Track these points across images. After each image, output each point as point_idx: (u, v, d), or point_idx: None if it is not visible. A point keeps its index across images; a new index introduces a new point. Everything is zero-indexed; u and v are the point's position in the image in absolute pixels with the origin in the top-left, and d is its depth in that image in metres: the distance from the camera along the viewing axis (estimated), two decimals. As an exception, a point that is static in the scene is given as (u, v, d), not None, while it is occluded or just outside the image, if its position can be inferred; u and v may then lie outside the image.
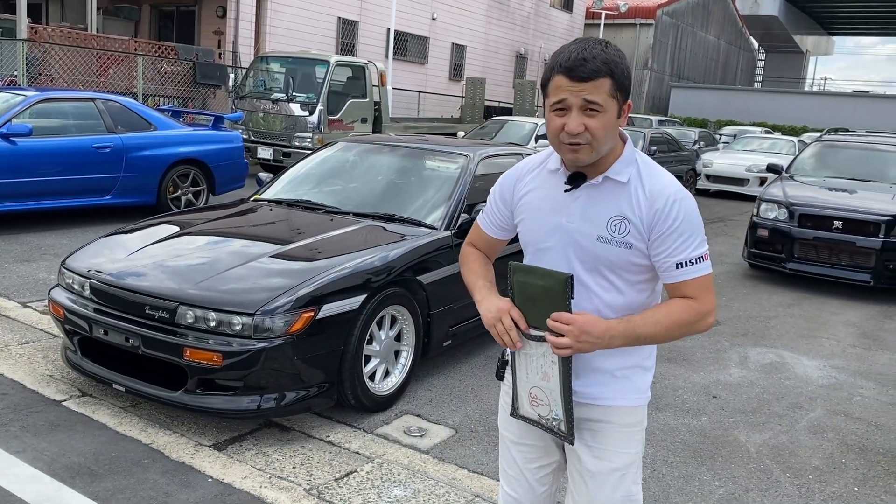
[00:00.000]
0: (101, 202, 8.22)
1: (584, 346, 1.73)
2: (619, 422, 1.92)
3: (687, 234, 1.78)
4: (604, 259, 1.83)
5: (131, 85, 14.20)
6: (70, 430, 3.53)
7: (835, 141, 9.98)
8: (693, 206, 1.81)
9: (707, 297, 1.82)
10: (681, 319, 1.81)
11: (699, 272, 1.80)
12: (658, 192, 1.79)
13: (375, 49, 20.33)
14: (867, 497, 3.49)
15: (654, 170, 1.86)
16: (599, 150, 1.78)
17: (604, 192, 1.84)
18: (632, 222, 1.80)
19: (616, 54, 1.75)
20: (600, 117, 1.73)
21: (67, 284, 4.01)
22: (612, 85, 1.73)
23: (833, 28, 59.49)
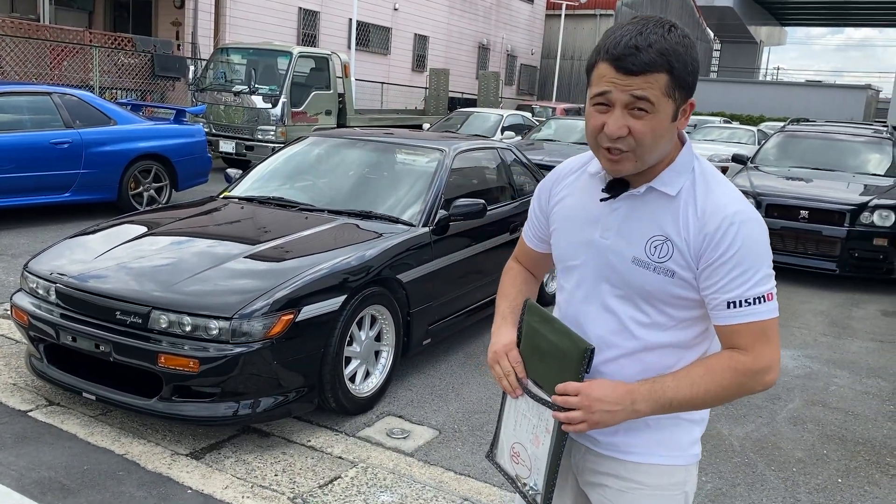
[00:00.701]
0: (60, 199, 7.94)
1: (601, 419, 1.43)
2: (649, 483, 1.58)
3: (744, 267, 1.42)
4: (638, 286, 1.51)
5: (87, 78, 13.81)
6: (38, 443, 3.38)
7: (797, 131, 10.12)
8: (757, 231, 1.44)
9: (764, 349, 1.44)
10: (725, 381, 1.45)
11: (756, 315, 1.44)
12: (712, 211, 1.44)
13: (337, 40, 20.08)
14: (851, 488, 3.51)
15: (715, 183, 1.50)
16: (645, 160, 1.45)
17: (647, 206, 1.51)
18: (675, 245, 1.47)
19: (679, 42, 1.40)
20: (649, 119, 1.40)
21: (31, 289, 3.83)
22: (670, 81, 1.39)
23: (785, 18, 60.59)
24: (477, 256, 4.91)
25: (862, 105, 30.90)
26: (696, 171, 1.51)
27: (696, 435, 1.61)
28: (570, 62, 33.25)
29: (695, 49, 1.43)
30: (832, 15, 57.26)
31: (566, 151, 12.70)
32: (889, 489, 3.53)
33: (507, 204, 5.42)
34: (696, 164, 1.52)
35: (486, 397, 4.26)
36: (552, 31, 31.69)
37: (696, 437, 1.61)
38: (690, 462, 1.60)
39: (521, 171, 5.94)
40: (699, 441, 1.62)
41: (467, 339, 5.15)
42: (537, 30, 32.12)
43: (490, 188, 5.51)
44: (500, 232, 5.21)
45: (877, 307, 6.95)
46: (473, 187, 5.32)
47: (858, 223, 7.45)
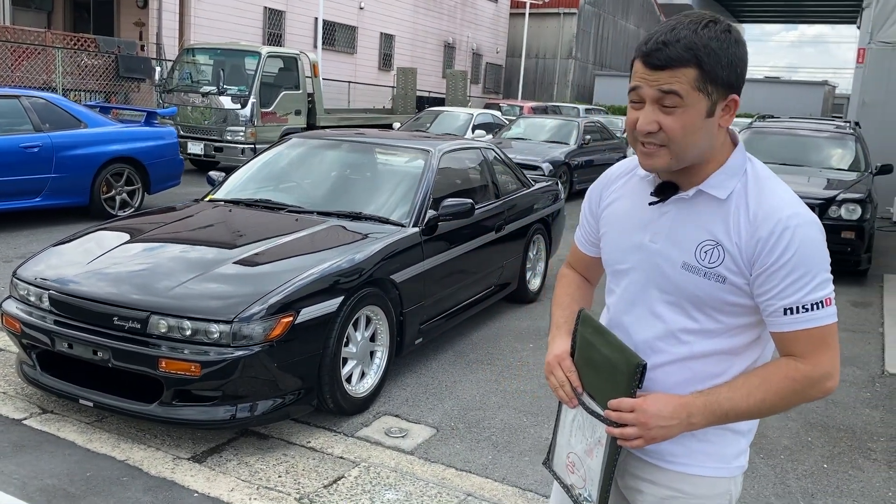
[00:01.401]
0: (31, 204, 7.81)
1: (658, 434, 1.42)
2: (692, 493, 1.56)
3: (801, 272, 1.40)
4: (688, 292, 1.49)
5: (49, 80, 13.56)
6: (37, 451, 3.35)
7: (764, 128, 10.35)
8: (814, 235, 1.41)
9: (823, 355, 1.43)
10: (783, 391, 1.43)
11: (814, 321, 1.41)
12: (765, 215, 1.42)
13: (303, 39, 19.97)
14: (836, 473, 3.64)
15: (768, 186, 1.47)
16: (681, 157, 1.44)
17: (696, 209, 1.49)
18: (727, 250, 1.44)
19: (714, 37, 1.39)
20: (679, 114, 1.40)
21: (22, 296, 3.79)
22: (699, 75, 1.38)
23: (742, 16, 61.69)
24: (464, 256, 4.96)
25: (820, 101, 31.62)
26: (749, 173, 1.49)
27: (742, 446, 1.58)
28: (535, 60, 33.50)
29: (737, 45, 1.41)
30: (786, 12, 58.50)
31: (537, 150, 12.83)
32: (872, 472, 3.67)
33: (491, 203, 5.48)
34: (749, 167, 1.50)
35: (480, 395, 4.32)
36: (516, 29, 31.89)
37: (744, 448, 1.58)
38: (735, 474, 1.58)
39: (502, 171, 6.01)
40: (747, 451, 1.59)
41: (456, 338, 5.20)
42: (502, 28, 32.29)
43: (475, 188, 5.57)
44: (486, 231, 5.27)
45: (846, 298, 7.17)
46: (459, 187, 5.37)
47: (827, 217, 7.66)
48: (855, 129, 10.09)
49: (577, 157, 13.26)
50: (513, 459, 3.58)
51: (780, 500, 3.37)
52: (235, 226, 4.41)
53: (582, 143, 13.64)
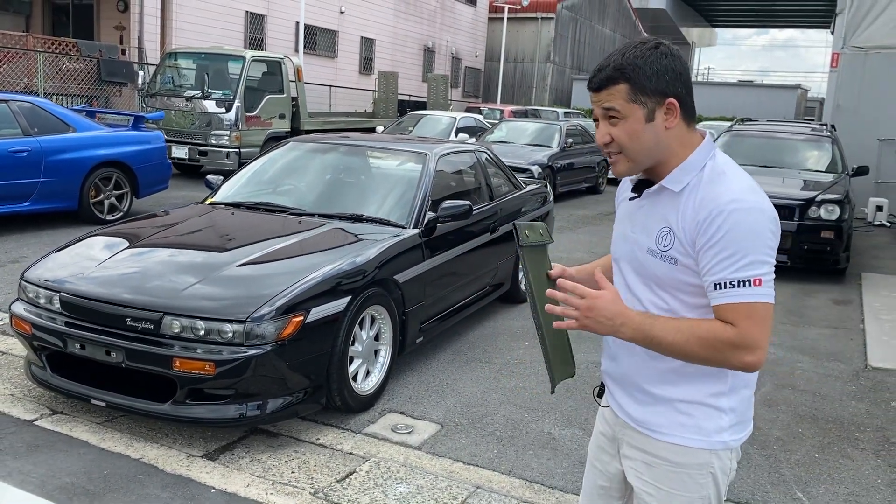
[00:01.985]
0: (20, 209, 7.79)
1: (589, 324, 1.61)
2: (671, 459, 1.73)
3: (731, 250, 1.53)
4: (652, 274, 1.69)
5: (31, 84, 13.47)
6: (52, 450, 3.40)
7: (743, 131, 10.58)
8: (750, 219, 1.54)
9: (751, 328, 1.54)
10: (706, 340, 1.56)
11: (740, 297, 1.54)
12: (708, 201, 1.59)
13: (284, 43, 19.98)
14: (828, 462, 3.79)
15: (721, 178, 1.63)
16: (636, 159, 1.67)
17: (660, 202, 1.70)
18: (676, 234, 1.63)
19: (638, 56, 1.62)
20: (622, 125, 1.63)
21: (31, 298, 3.83)
22: (630, 89, 1.61)
23: (715, 20, 62.54)
24: (461, 257, 5.06)
25: (793, 104, 32.18)
26: (707, 168, 1.66)
27: (723, 423, 1.68)
28: (514, 64, 33.73)
29: (664, 57, 1.63)
30: (758, 16, 59.40)
31: (520, 153, 12.97)
32: (861, 461, 3.82)
33: (486, 205, 5.59)
34: (710, 163, 1.66)
35: (480, 392, 4.42)
36: (495, 33, 32.10)
37: (723, 426, 1.69)
38: (716, 447, 1.70)
39: (495, 173, 6.12)
40: (730, 431, 1.70)
41: (453, 337, 5.30)
42: (480, 33, 32.48)
43: (470, 190, 5.68)
44: (482, 232, 5.37)
45: (827, 296, 7.38)
46: (455, 189, 5.47)
47: (807, 217, 7.88)
48: (832, 132, 10.35)
49: (559, 160, 13.43)
50: (517, 453, 3.68)
51: (775, 487, 3.50)
52: (240, 228, 4.48)
53: (564, 146, 13.81)
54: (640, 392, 1.76)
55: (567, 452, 3.72)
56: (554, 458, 3.66)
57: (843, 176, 9.00)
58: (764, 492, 3.45)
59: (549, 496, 3.30)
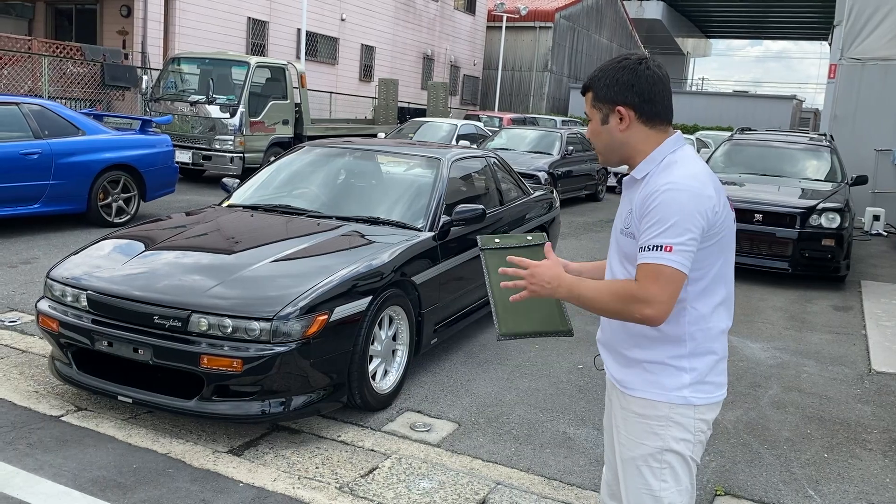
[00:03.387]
0: (30, 211, 7.85)
1: (535, 289, 1.93)
2: (638, 412, 1.99)
3: (655, 220, 1.81)
4: (622, 251, 1.99)
5: (35, 87, 13.52)
6: (80, 445, 3.46)
7: (743, 140, 10.71)
8: (677, 198, 1.81)
9: (651, 285, 1.79)
10: (616, 290, 1.85)
11: (651, 259, 1.80)
12: (653, 184, 1.87)
13: (285, 49, 20.09)
14: (837, 462, 3.89)
15: (671, 167, 1.91)
16: (601, 154, 2.05)
17: (630, 190, 2.00)
18: (633, 213, 1.92)
19: (604, 68, 1.98)
20: (589, 125, 2.04)
21: (56, 296, 3.89)
22: (593, 97, 1.99)
23: (709, 31, 63.02)
24: (472, 261, 5.14)
25: (789, 114, 32.45)
26: (665, 161, 1.93)
27: (682, 381, 1.93)
28: (511, 73, 33.91)
29: (622, 71, 1.93)
30: (752, 27, 59.88)
31: (521, 160, 13.07)
32: (870, 461, 3.91)
33: (496, 209, 5.68)
34: (669, 156, 1.94)
35: (495, 392, 4.50)
36: (493, 42, 32.29)
37: (684, 383, 1.93)
38: (674, 401, 1.94)
39: (504, 178, 6.22)
40: (690, 388, 1.93)
41: (464, 340, 5.38)
42: (479, 41, 32.66)
43: (481, 194, 5.77)
44: (493, 236, 5.45)
45: (828, 303, 7.48)
46: (467, 194, 5.56)
47: (808, 225, 7.99)
48: (830, 142, 10.49)
49: (560, 167, 13.54)
50: (535, 451, 3.76)
51: (787, 486, 3.59)
52: (261, 229, 4.56)
53: (565, 153, 13.92)
54: (619, 355, 2.05)
55: (583, 451, 3.80)
56: (571, 456, 3.74)
57: (843, 185, 9.12)
58: (777, 490, 3.54)
59: (568, 492, 3.38)
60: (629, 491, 2.04)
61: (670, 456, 1.97)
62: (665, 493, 1.99)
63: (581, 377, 4.84)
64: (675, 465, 1.98)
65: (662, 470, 1.98)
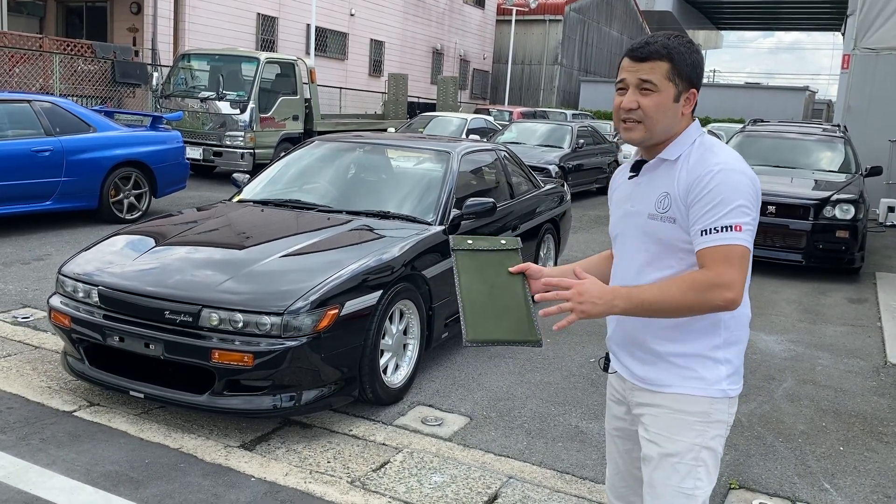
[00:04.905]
0: (41, 208, 7.88)
1: (587, 308, 1.72)
2: (674, 407, 1.88)
3: (717, 201, 1.72)
4: (654, 237, 1.85)
5: (47, 85, 13.58)
6: (93, 440, 3.47)
7: (755, 132, 10.63)
8: (735, 178, 1.75)
9: (726, 269, 1.69)
10: (688, 283, 1.72)
11: (721, 241, 1.70)
12: (700, 165, 1.79)
13: (295, 45, 20.10)
14: (853, 455, 3.85)
15: (711, 149, 1.83)
16: (652, 130, 1.84)
17: (658, 173, 1.89)
18: (672, 197, 1.81)
19: (682, 45, 1.82)
20: (654, 97, 1.82)
21: (68, 292, 3.90)
22: (671, 69, 1.81)
23: (721, 22, 62.49)
24: (484, 253, 5.12)
25: (801, 106, 32.19)
26: (697, 142, 1.87)
27: (721, 373, 1.86)
28: (521, 66, 33.80)
29: (696, 54, 1.85)
30: (764, 19, 59.36)
31: (531, 154, 13.02)
32: (886, 454, 3.87)
33: (506, 203, 5.66)
34: (700, 138, 1.87)
35: (506, 386, 4.49)
36: (503, 35, 32.18)
37: (721, 376, 1.86)
38: (715, 395, 1.86)
39: (515, 171, 6.19)
40: (728, 380, 1.87)
41: (475, 333, 5.36)
42: (488, 35, 32.57)
43: (492, 188, 5.74)
44: (503, 230, 5.44)
45: (842, 295, 7.42)
46: (477, 187, 5.54)
47: (822, 217, 7.92)
48: (844, 133, 10.39)
49: (570, 160, 13.48)
50: (547, 445, 3.75)
51: (802, 479, 3.56)
52: (271, 224, 4.55)
53: (576, 147, 13.87)
54: (644, 351, 1.92)
55: (595, 445, 3.77)
56: (583, 450, 3.72)
57: (857, 176, 9.04)
58: (792, 483, 3.51)
59: (580, 486, 3.36)
60: (657, 489, 1.92)
61: (706, 453, 1.88)
62: (699, 492, 1.90)
63: (593, 371, 4.81)
64: (708, 463, 1.90)
65: (697, 468, 1.88)
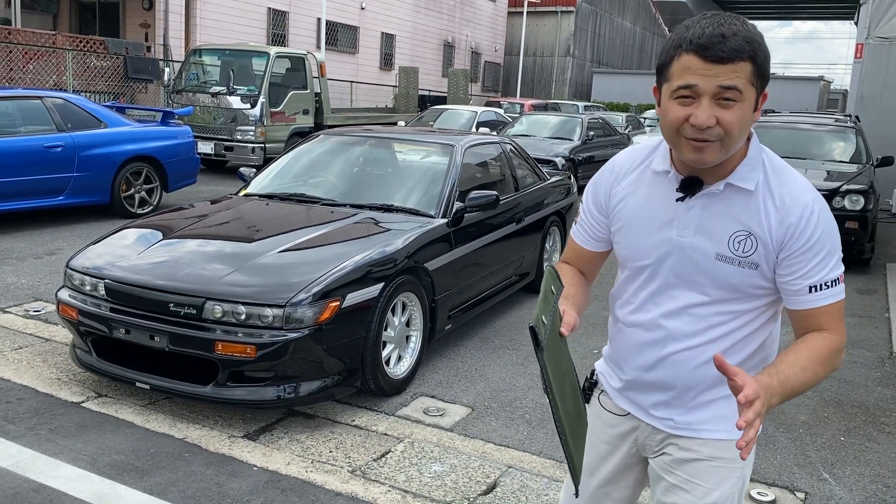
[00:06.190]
0: (54, 203, 7.99)
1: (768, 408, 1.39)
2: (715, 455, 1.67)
3: (825, 252, 1.50)
4: (723, 281, 1.55)
5: (60, 81, 13.72)
6: (100, 430, 3.54)
7: (765, 122, 10.57)
8: (831, 217, 1.52)
9: (842, 328, 1.54)
10: (825, 360, 1.50)
11: (837, 297, 1.53)
12: (792, 202, 1.50)
13: (306, 39, 20.16)
14: (853, 445, 3.85)
15: (786, 173, 1.55)
16: (730, 150, 1.47)
17: (725, 202, 1.54)
18: (759, 239, 1.51)
19: (758, 33, 1.43)
20: (737, 108, 1.42)
21: (76, 286, 3.97)
22: (753, 70, 1.41)
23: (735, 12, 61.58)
24: (487, 246, 5.15)
25: (816, 96, 31.92)
26: (766, 163, 1.55)
27: None
28: (533, 59, 33.71)
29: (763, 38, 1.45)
30: (780, 8, 58.81)
31: (541, 146, 13.04)
32: (887, 445, 3.88)
33: (511, 195, 5.68)
34: (765, 157, 1.56)
35: (509, 377, 4.52)
36: (514, 28, 32.10)
37: None
38: None
39: (520, 164, 6.21)
40: None
41: (479, 326, 5.40)
42: (500, 27, 32.50)
43: (496, 181, 5.77)
44: (508, 223, 5.46)
45: (851, 286, 7.38)
46: (481, 180, 5.57)
47: (831, 207, 7.84)
48: (855, 123, 10.31)
49: (580, 153, 13.47)
50: (547, 435, 3.78)
51: (801, 469, 3.57)
52: (275, 218, 4.60)
53: (586, 139, 13.85)
54: (686, 400, 1.66)
55: (596, 435, 3.80)
56: (583, 439, 3.75)
57: (868, 166, 8.97)
58: (790, 473, 3.52)
59: (579, 475, 3.39)
60: None
61: (738, 496, 1.70)
62: None
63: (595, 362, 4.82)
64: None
65: None
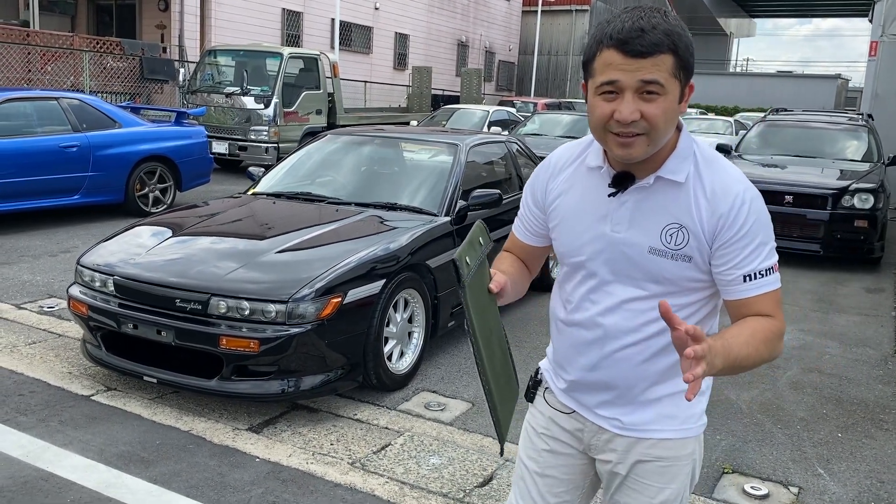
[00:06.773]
0: (70, 202, 8.14)
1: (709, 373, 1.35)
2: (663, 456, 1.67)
3: (758, 242, 1.48)
4: (657, 275, 1.54)
5: (77, 82, 13.92)
6: (108, 422, 3.64)
7: (777, 121, 10.55)
8: (763, 206, 1.51)
9: (781, 316, 1.52)
10: (766, 339, 1.47)
11: (772, 285, 1.51)
12: (722, 192, 1.49)
13: (320, 39, 20.29)
14: (850, 441, 3.88)
15: (716, 164, 1.53)
16: (657, 143, 1.46)
17: (656, 195, 1.53)
18: (691, 231, 1.50)
19: (679, 25, 1.42)
20: (660, 102, 1.41)
21: (86, 282, 4.08)
22: (675, 62, 1.41)
23: (754, 10, 61.48)
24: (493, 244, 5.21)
25: (833, 94, 31.69)
26: (698, 154, 1.54)
27: (703, 406, 1.66)
28: (547, 58, 33.68)
29: (685, 29, 1.45)
30: (798, 5, 58.31)
31: (553, 145, 13.06)
32: (884, 441, 3.90)
33: (516, 194, 5.73)
34: (697, 149, 1.55)
35: (511, 373, 4.58)
36: (529, 27, 32.10)
37: (702, 409, 1.67)
38: (699, 433, 1.67)
39: (525, 163, 6.26)
40: (705, 411, 1.68)
41: (484, 322, 5.46)
42: (514, 26, 32.52)
43: (500, 179, 5.83)
44: (511, 221, 5.50)
45: (860, 285, 7.38)
46: (485, 179, 5.63)
47: (840, 206, 7.86)
48: (868, 122, 10.27)
49: (592, 152, 13.47)
50: (545, 430, 3.83)
51: (796, 464, 3.61)
52: (281, 216, 4.69)
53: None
54: (631, 398, 1.64)
55: (593, 430, 3.85)
56: (580, 434, 3.80)
57: (879, 165, 8.95)
58: (785, 468, 3.56)
59: (575, 469, 3.45)
60: None
61: (687, 494, 1.70)
62: None
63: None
64: None
65: None
